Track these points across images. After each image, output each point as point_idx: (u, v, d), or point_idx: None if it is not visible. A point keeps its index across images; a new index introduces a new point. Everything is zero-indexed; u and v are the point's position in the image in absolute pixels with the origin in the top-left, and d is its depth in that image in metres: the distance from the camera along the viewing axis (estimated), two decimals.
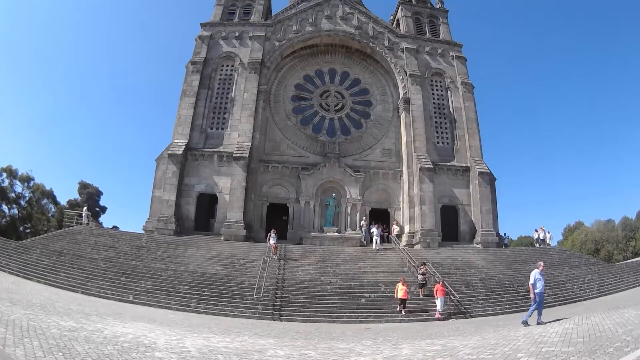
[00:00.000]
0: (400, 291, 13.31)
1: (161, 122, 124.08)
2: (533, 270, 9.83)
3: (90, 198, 44.67)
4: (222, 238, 21.87)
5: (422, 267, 15.49)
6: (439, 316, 12.89)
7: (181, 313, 11.90)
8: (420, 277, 14.93)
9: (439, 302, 13.19)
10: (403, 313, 13.10)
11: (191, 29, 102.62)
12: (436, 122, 27.65)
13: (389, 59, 28.58)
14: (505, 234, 27.87)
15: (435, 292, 13.54)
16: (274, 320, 12.19)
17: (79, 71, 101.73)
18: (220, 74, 27.30)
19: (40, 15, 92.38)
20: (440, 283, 13.78)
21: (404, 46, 28.90)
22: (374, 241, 21.25)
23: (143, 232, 22.53)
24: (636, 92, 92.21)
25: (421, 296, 14.60)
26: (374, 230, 21.64)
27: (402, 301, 13.31)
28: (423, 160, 25.19)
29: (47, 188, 39.15)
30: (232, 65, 27.45)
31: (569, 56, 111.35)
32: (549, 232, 25.95)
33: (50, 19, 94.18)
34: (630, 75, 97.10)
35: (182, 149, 23.89)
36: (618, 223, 46.92)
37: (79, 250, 17.52)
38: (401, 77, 27.98)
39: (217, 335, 7.72)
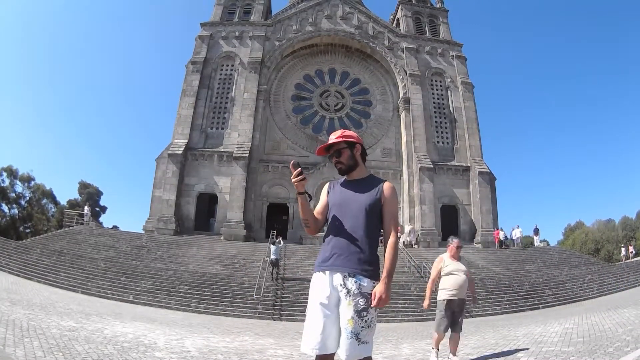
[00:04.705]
0: None
1: (161, 121, 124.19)
2: None
3: (91, 198, 44.68)
4: (222, 238, 21.88)
5: None
6: None
7: (181, 313, 11.89)
8: None
9: None
10: None
11: (191, 28, 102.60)
12: (436, 121, 27.65)
13: (389, 58, 28.57)
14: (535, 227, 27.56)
15: None
16: (274, 320, 12.18)
17: (78, 71, 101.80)
18: (220, 74, 27.30)
19: (41, 15, 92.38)
20: None
21: (404, 46, 28.89)
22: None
23: (143, 232, 22.56)
24: (636, 92, 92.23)
25: None
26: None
27: None
28: (423, 160, 25.19)
29: (47, 188, 39.21)
30: (232, 65, 27.45)
31: (569, 56, 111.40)
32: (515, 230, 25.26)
33: (50, 19, 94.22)
34: (630, 75, 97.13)
35: (182, 149, 23.90)
36: (618, 223, 46.94)
37: (79, 250, 17.52)
38: (401, 77, 27.98)
39: (217, 335, 7.72)
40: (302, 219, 2.16)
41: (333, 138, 2.21)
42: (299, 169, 2.03)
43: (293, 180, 2.00)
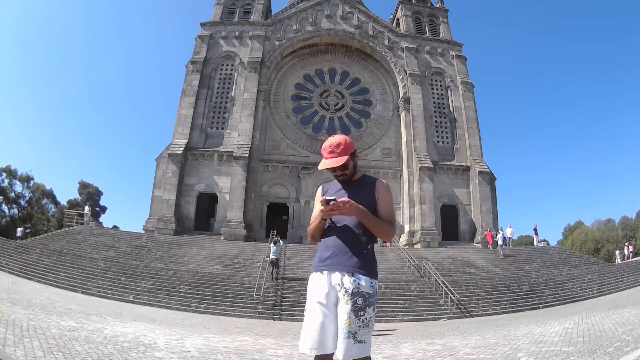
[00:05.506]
0: None
1: (161, 121, 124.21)
2: None
3: (91, 198, 44.70)
4: (222, 238, 21.88)
5: None
6: None
7: (181, 313, 11.89)
8: None
9: None
10: None
11: (191, 28, 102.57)
12: (436, 121, 27.65)
13: (388, 58, 28.56)
14: (534, 226, 25.78)
15: None
16: (274, 319, 12.19)
17: (78, 71, 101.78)
18: (220, 74, 27.29)
19: (41, 15, 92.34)
20: None
21: (404, 45, 28.88)
22: None
23: (143, 231, 22.55)
24: (636, 91, 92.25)
25: None
26: None
27: None
28: (423, 159, 25.18)
29: (47, 188, 39.24)
30: (232, 65, 27.44)
31: (569, 56, 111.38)
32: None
33: (51, 19, 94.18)
34: (630, 75, 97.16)
35: (182, 149, 23.89)
36: (618, 222, 46.96)
37: (79, 250, 17.52)
38: (401, 77, 27.98)
39: (217, 334, 7.71)
40: (311, 235, 2.16)
41: (335, 160, 2.10)
42: (332, 203, 1.97)
43: (326, 213, 1.97)
